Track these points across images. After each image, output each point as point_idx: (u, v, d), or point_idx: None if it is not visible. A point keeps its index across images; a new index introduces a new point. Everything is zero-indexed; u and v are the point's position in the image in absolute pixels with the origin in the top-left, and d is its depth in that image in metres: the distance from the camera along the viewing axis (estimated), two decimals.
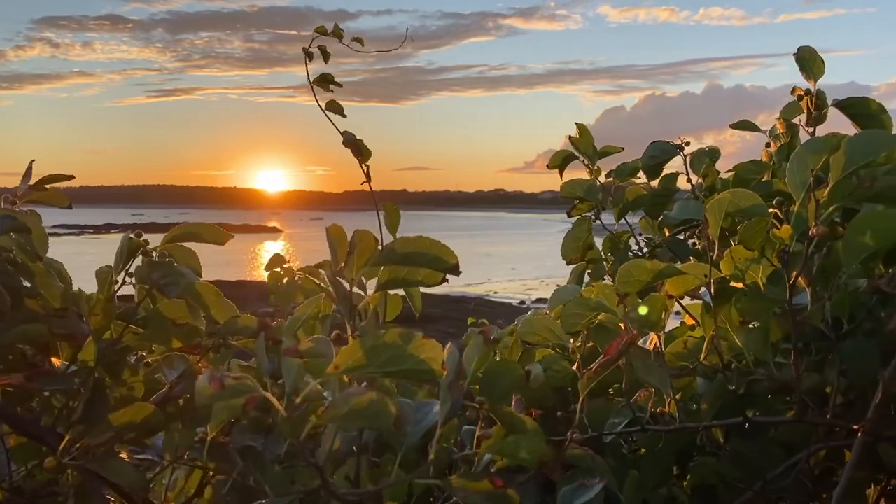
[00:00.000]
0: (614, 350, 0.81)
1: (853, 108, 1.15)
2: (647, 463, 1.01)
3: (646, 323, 0.96)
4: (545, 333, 1.14)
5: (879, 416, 0.86)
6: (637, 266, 0.93)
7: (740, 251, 0.89)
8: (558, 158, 1.67)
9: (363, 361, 0.58)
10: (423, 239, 0.71)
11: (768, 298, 0.90)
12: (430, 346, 0.60)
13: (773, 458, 1.02)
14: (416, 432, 0.69)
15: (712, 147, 1.43)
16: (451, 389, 0.64)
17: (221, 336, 1.00)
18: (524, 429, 0.74)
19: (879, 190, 0.78)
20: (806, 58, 1.16)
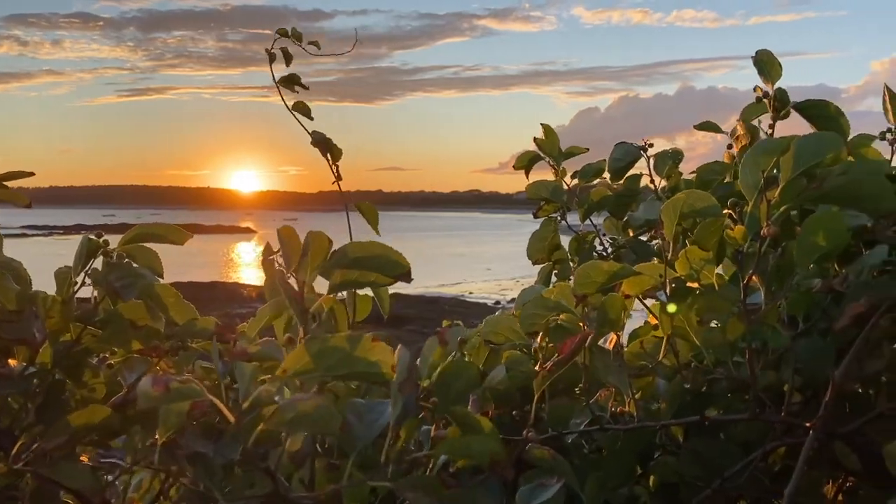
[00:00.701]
0: (567, 349, 0.82)
1: (811, 111, 1.16)
2: (609, 462, 1.02)
3: (604, 322, 0.97)
4: (509, 334, 1.14)
5: (831, 414, 0.88)
6: (594, 267, 0.94)
7: (695, 251, 0.90)
8: (524, 160, 1.68)
9: (311, 365, 0.58)
10: (374, 244, 0.71)
11: (723, 298, 0.91)
12: (379, 348, 0.60)
13: (731, 456, 1.04)
14: (368, 433, 0.68)
15: (675, 149, 1.45)
16: (403, 389, 0.64)
17: (180, 338, 0.99)
18: (479, 429, 0.74)
19: (827, 191, 0.79)
20: (764, 61, 1.18)
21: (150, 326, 0.99)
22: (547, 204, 1.62)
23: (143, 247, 1.08)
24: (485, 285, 30.60)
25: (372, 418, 0.71)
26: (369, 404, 0.74)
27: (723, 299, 0.91)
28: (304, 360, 0.58)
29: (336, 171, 1.58)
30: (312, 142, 1.59)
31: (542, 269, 1.64)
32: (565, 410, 1.11)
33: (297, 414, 0.55)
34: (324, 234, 0.79)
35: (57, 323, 0.98)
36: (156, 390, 0.58)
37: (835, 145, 0.79)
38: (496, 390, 1.15)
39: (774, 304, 0.90)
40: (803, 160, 0.79)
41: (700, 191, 0.90)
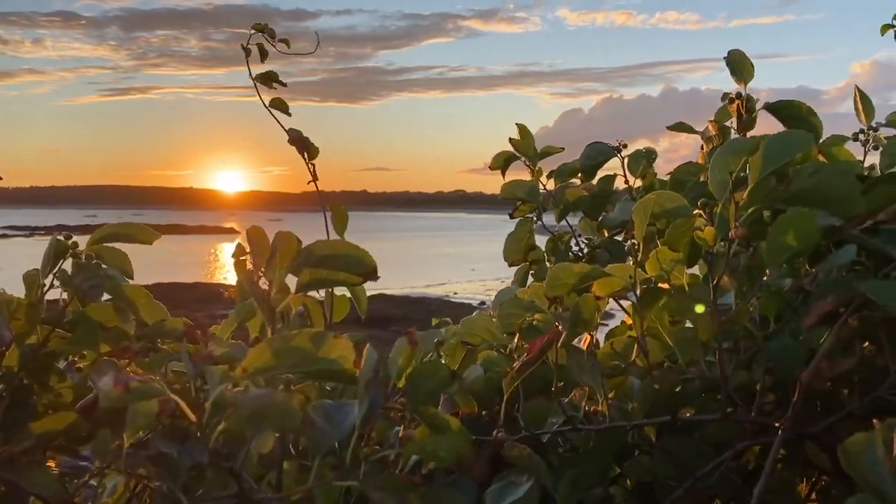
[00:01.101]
0: (536, 349, 0.82)
1: (783, 111, 1.17)
2: (582, 462, 1.02)
3: (578, 323, 0.97)
4: (484, 334, 1.14)
5: (799, 414, 0.88)
6: (565, 269, 0.94)
7: (665, 252, 0.91)
8: (499, 160, 1.68)
9: (272, 363, 0.57)
10: (341, 242, 0.71)
11: (694, 299, 0.92)
12: (342, 345, 0.59)
13: (704, 456, 1.04)
14: (335, 434, 0.68)
15: (649, 148, 1.45)
16: (369, 389, 0.63)
17: (149, 339, 0.98)
18: (448, 429, 0.74)
19: (796, 192, 0.79)
20: (736, 61, 1.18)
21: (120, 328, 0.98)
22: (523, 204, 1.62)
23: (112, 248, 1.07)
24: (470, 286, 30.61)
25: (339, 419, 0.71)
26: (338, 405, 0.73)
27: (694, 300, 0.91)
28: (264, 357, 0.57)
29: (312, 171, 1.58)
30: (289, 140, 1.58)
31: (519, 269, 1.63)
32: (540, 410, 1.11)
33: (256, 410, 0.55)
34: (292, 234, 0.79)
35: (23, 326, 0.97)
36: (117, 390, 0.58)
37: (804, 144, 0.79)
38: (472, 390, 1.15)
39: (745, 305, 0.91)
40: (772, 160, 0.79)
41: (670, 191, 0.90)
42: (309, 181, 1.58)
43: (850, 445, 0.67)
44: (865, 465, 0.65)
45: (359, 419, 0.65)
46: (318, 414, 0.71)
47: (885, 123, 1.41)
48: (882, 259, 0.90)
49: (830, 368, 0.96)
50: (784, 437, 0.86)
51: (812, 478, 1.19)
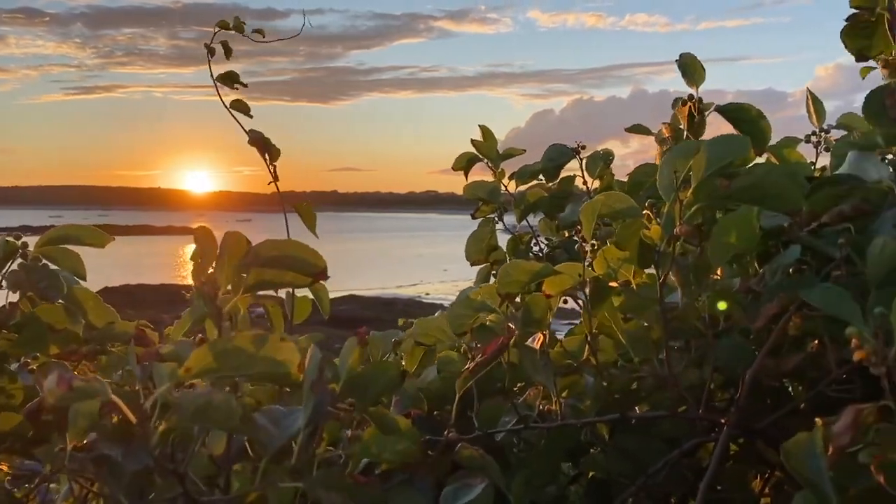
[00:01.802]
0: (491, 350, 0.82)
1: (734, 114, 1.19)
2: (534, 461, 1.03)
3: (529, 322, 0.98)
4: (439, 335, 1.14)
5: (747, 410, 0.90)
6: (516, 267, 0.95)
7: (612, 251, 0.92)
8: (462, 161, 1.69)
9: (214, 364, 0.57)
10: (289, 242, 0.70)
11: (642, 297, 0.93)
12: (286, 348, 0.59)
13: (658, 454, 1.05)
14: (282, 436, 0.68)
15: (606, 150, 1.47)
16: (314, 390, 0.64)
17: (98, 342, 0.97)
18: (396, 429, 0.74)
19: (736, 190, 0.81)
20: (687, 64, 1.20)
21: (69, 330, 0.97)
22: (484, 205, 1.63)
23: (65, 249, 1.06)
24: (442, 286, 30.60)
25: (287, 423, 0.71)
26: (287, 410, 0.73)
27: (642, 298, 0.93)
28: (206, 359, 0.57)
29: (273, 172, 1.57)
30: (250, 141, 1.57)
31: (481, 269, 1.64)
32: (494, 410, 1.11)
33: (195, 409, 0.55)
34: (241, 235, 0.78)
35: None
36: (59, 389, 0.57)
37: (742, 148, 0.81)
38: (429, 391, 1.15)
39: (693, 303, 0.92)
40: (714, 161, 0.81)
41: (619, 192, 0.91)
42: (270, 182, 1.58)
43: (793, 444, 0.68)
44: (805, 462, 0.66)
45: (304, 420, 0.65)
46: (266, 417, 0.71)
47: (835, 126, 1.44)
48: (825, 259, 0.92)
49: (777, 366, 0.98)
50: (729, 433, 0.87)
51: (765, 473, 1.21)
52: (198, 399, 0.55)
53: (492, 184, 1.63)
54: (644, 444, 1.05)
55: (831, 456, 0.63)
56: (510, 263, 0.96)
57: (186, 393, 0.57)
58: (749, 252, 0.92)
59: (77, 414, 0.64)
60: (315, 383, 0.63)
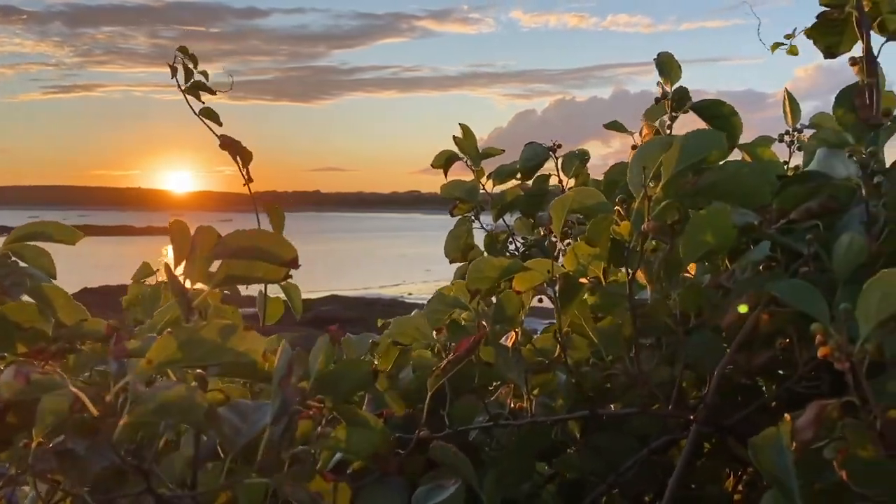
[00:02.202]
0: (462, 349, 0.82)
1: (708, 111, 1.20)
2: (506, 460, 1.03)
3: (501, 319, 0.98)
4: (415, 334, 1.14)
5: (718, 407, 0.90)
6: (486, 263, 0.95)
7: (582, 247, 0.92)
8: (441, 159, 1.69)
9: (178, 355, 0.57)
10: (257, 232, 0.70)
11: (612, 294, 0.93)
12: (251, 338, 0.59)
13: (630, 452, 1.06)
14: (250, 432, 0.68)
15: (582, 149, 1.48)
16: (282, 385, 0.63)
17: (67, 340, 0.96)
18: (367, 426, 0.74)
19: (704, 186, 0.81)
20: (664, 62, 1.21)
21: (37, 328, 0.96)
22: (462, 203, 1.63)
23: (35, 246, 1.05)
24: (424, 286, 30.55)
25: (256, 418, 0.70)
26: (255, 405, 0.73)
27: (611, 295, 0.93)
28: (170, 349, 0.57)
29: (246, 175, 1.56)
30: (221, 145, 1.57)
31: (458, 268, 1.64)
32: (468, 409, 1.11)
33: (158, 403, 0.54)
34: (212, 228, 0.78)
35: None
36: (17, 382, 0.56)
37: (717, 142, 0.82)
38: (408, 390, 1.15)
39: (663, 300, 0.92)
40: (686, 157, 0.81)
41: (590, 188, 0.91)
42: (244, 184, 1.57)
43: (760, 439, 0.69)
44: (771, 458, 0.67)
45: (272, 415, 0.64)
46: (234, 412, 0.70)
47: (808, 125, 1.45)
48: (795, 255, 0.92)
49: (747, 362, 0.99)
50: (698, 430, 0.88)
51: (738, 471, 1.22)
52: (160, 393, 0.55)
53: (469, 183, 1.63)
54: (616, 443, 1.05)
55: (795, 451, 0.64)
56: (480, 259, 0.96)
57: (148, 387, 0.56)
58: (724, 249, 0.92)
59: (45, 411, 0.63)
60: (283, 379, 0.63)
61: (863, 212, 0.86)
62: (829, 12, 1.09)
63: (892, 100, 1.11)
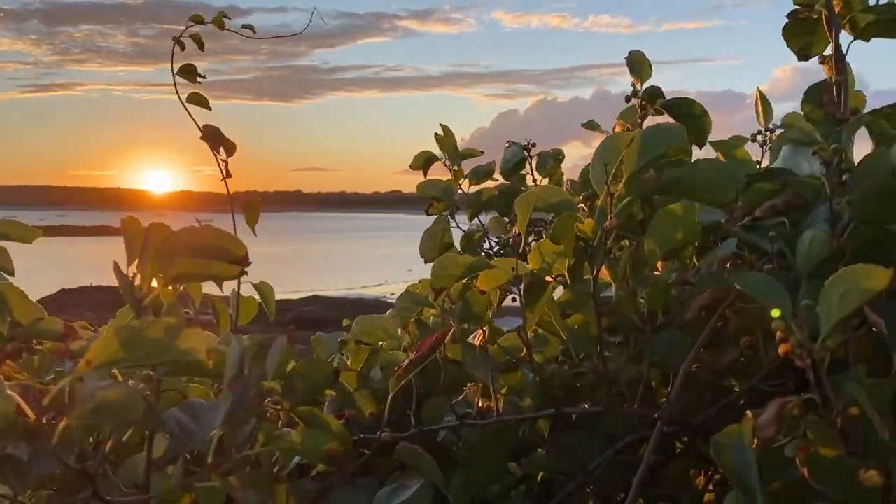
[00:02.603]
0: (425, 347, 0.81)
1: (677, 109, 1.19)
2: (475, 460, 1.02)
3: (468, 317, 0.97)
4: (380, 334, 1.13)
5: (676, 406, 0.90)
6: (450, 261, 0.93)
7: (547, 245, 0.91)
8: (420, 160, 1.68)
9: (119, 354, 0.55)
10: (207, 229, 0.68)
11: (577, 292, 0.92)
12: (196, 336, 0.57)
13: (597, 451, 1.05)
14: (203, 433, 0.66)
15: (556, 149, 1.47)
16: (232, 386, 0.62)
17: (23, 340, 0.93)
18: (326, 428, 0.72)
19: (665, 182, 0.81)
20: (635, 60, 1.20)
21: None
22: (438, 202, 1.61)
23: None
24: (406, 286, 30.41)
25: (209, 419, 0.69)
26: (209, 405, 0.71)
27: (577, 293, 0.92)
28: (111, 349, 0.55)
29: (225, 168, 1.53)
30: (202, 136, 1.53)
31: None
32: (439, 409, 1.10)
33: (98, 404, 0.53)
34: (165, 225, 0.76)
35: None
36: None
37: (677, 137, 0.81)
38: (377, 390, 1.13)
39: (628, 297, 0.92)
40: (647, 152, 0.80)
41: (554, 186, 0.90)
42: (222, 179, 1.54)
43: (722, 437, 0.68)
44: (733, 456, 0.66)
45: (222, 416, 0.63)
46: (187, 412, 0.69)
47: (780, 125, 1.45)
48: (761, 252, 0.92)
49: (714, 360, 0.98)
50: (663, 428, 0.87)
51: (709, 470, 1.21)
52: (97, 394, 0.53)
53: (446, 182, 1.62)
54: (584, 442, 1.04)
55: (756, 449, 0.63)
56: (444, 257, 0.94)
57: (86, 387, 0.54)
58: (689, 246, 0.92)
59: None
60: (234, 379, 0.61)
61: (827, 209, 0.86)
62: (800, 11, 1.08)
63: (860, 99, 1.10)
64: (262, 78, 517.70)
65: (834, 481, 0.61)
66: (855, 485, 0.59)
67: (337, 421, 0.74)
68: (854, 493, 0.60)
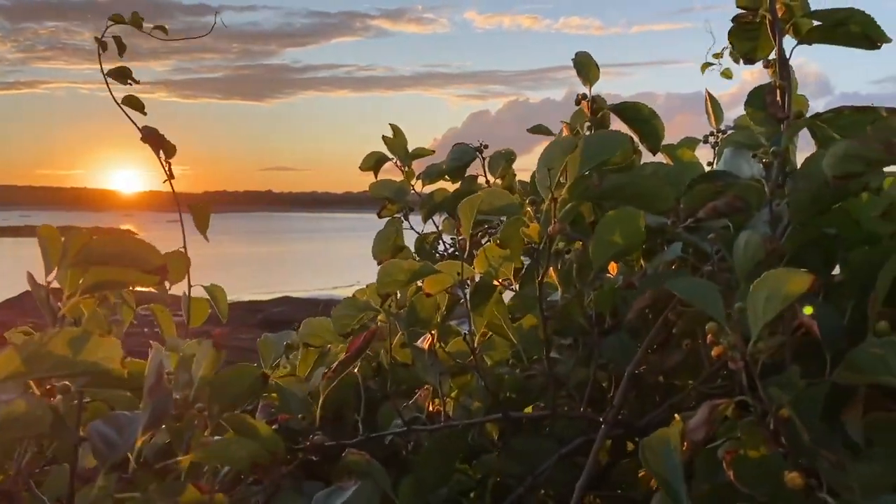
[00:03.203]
0: (354, 348, 0.80)
1: (627, 113, 1.19)
2: (422, 464, 1.01)
3: (415, 322, 0.96)
4: (327, 336, 1.11)
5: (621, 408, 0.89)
6: (395, 266, 0.93)
7: (493, 249, 0.91)
8: (370, 160, 1.66)
9: (21, 368, 0.53)
10: (125, 237, 0.67)
11: (524, 296, 0.92)
12: (107, 345, 0.55)
13: (547, 454, 1.04)
14: (126, 444, 0.64)
15: (508, 150, 1.47)
16: (152, 394, 0.60)
17: None
18: (255, 434, 0.71)
19: (607, 189, 0.80)
20: (582, 62, 1.20)
21: None
22: (391, 204, 1.60)
23: None
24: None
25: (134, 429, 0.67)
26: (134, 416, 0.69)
27: (524, 297, 0.92)
28: (13, 364, 0.53)
29: (168, 170, 1.52)
30: (142, 138, 1.52)
31: None
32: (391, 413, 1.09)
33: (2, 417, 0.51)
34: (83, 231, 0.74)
35: None
36: None
37: (620, 144, 0.81)
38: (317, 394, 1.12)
39: (576, 300, 0.91)
40: (590, 158, 0.80)
41: (500, 189, 0.90)
42: (164, 180, 1.52)
43: (652, 440, 0.68)
44: (661, 459, 0.66)
45: (142, 425, 0.61)
46: (111, 424, 0.67)
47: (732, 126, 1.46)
48: (705, 255, 0.92)
49: (661, 362, 0.98)
50: (608, 430, 0.87)
51: None
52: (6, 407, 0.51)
53: (398, 183, 1.60)
54: (534, 445, 1.04)
55: (685, 452, 0.63)
56: (389, 262, 0.93)
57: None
58: (634, 250, 0.91)
59: None
60: (153, 388, 0.60)
61: (768, 211, 0.86)
62: (744, 16, 1.09)
63: (803, 102, 1.11)
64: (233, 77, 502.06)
65: (759, 483, 0.61)
66: (779, 486, 0.59)
67: (267, 427, 0.73)
68: (778, 494, 0.60)
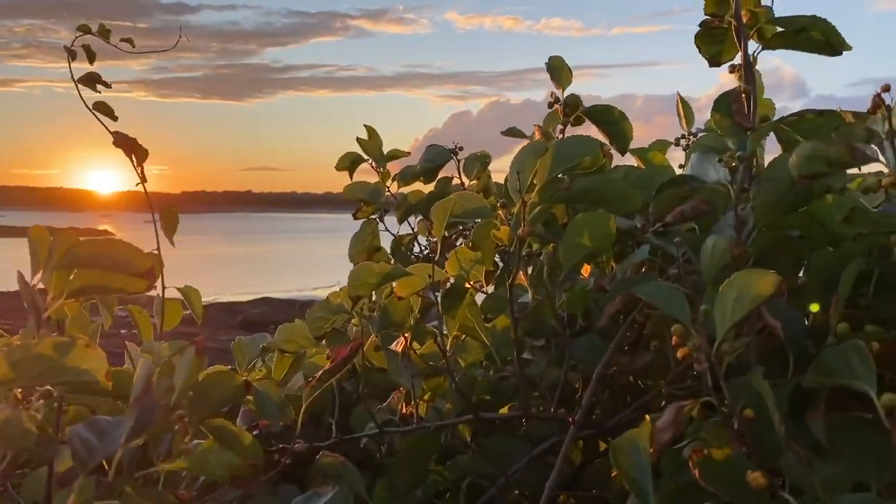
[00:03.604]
0: (340, 357, 0.81)
1: (598, 115, 1.21)
2: (397, 466, 1.02)
3: (388, 325, 0.97)
4: (302, 341, 1.12)
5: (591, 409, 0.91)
6: (366, 269, 0.94)
7: (465, 252, 0.92)
8: (345, 161, 1.67)
9: (10, 374, 0.54)
10: (112, 241, 0.67)
11: (496, 298, 0.93)
12: (92, 355, 0.56)
13: (520, 455, 1.06)
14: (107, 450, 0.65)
15: (483, 152, 1.48)
16: (138, 402, 0.61)
17: None
18: (236, 441, 0.72)
19: (576, 192, 0.82)
20: (555, 66, 1.22)
21: None
22: (366, 205, 1.61)
23: None
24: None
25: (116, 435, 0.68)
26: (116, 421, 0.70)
27: (495, 299, 0.93)
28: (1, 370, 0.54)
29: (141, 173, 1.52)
30: (114, 142, 1.52)
31: None
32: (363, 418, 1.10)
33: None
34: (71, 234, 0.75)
35: None
36: None
37: (590, 148, 0.82)
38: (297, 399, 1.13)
39: (547, 302, 0.93)
40: (559, 163, 0.82)
41: (472, 192, 0.91)
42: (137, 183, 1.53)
43: (621, 441, 0.70)
44: (630, 460, 0.67)
45: (126, 434, 0.62)
46: (92, 429, 0.68)
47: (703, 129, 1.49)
48: (672, 258, 0.94)
49: (631, 363, 1.00)
50: (577, 431, 0.89)
51: None
52: None
53: (374, 185, 1.61)
54: (507, 446, 1.06)
55: (653, 453, 0.65)
56: (360, 265, 0.95)
57: None
58: (604, 252, 0.93)
59: None
60: (139, 396, 0.61)
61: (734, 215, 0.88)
62: (710, 21, 1.11)
63: (769, 106, 1.14)
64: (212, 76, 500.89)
65: (723, 482, 0.63)
66: (743, 486, 0.61)
67: (248, 434, 0.74)
68: (742, 493, 0.62)
